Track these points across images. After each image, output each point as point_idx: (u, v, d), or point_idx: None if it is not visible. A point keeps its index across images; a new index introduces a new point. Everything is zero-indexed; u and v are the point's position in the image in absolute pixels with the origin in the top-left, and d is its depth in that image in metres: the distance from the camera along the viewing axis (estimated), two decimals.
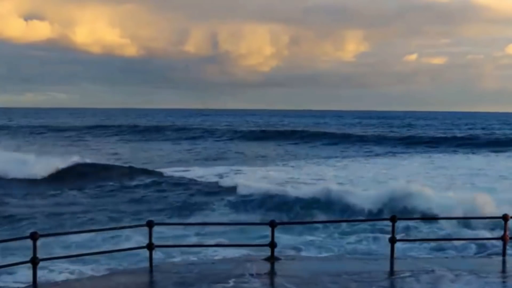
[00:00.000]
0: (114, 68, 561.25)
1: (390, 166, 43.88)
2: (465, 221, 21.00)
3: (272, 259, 13.01)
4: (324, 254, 17.67)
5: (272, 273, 12.43)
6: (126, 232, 18.63)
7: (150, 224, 12.50)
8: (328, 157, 52.93)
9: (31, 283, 11.19)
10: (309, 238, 19.70)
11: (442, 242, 18.61)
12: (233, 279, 11.42)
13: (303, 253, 17.83)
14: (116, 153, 57.93)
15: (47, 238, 15.00)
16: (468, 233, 20.19)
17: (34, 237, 11.07)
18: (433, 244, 18.26)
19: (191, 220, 24.60)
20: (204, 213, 26.49)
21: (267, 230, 13.34)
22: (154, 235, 12.44)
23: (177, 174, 38.77)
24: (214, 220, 24.49)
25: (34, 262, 11.06)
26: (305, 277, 11.74)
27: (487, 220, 19.92)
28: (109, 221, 23.77)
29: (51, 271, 15.26)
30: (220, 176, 37.38)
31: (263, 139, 77.64)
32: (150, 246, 12.47)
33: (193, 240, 19.56)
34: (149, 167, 42.58)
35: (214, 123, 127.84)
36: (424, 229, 20.83)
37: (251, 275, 11.80)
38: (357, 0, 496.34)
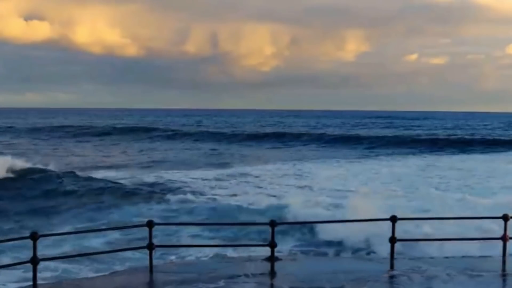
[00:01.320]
0: (115, 68, 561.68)
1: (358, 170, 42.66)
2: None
3: (272, 259, 13.00)
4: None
5: (268, 273, 12.44)
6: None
7: (150, 224, 12.50)
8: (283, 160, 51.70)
9: (31, 283, 11.18)
10: None
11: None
12: (224, 280, 11.49)
13: None
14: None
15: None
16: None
17: (34, 237, 11.05)
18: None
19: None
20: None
21: None
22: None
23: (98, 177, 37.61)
24: None
25: (34, 262, 11.05)
26: (301, 277, 11.78)
27: None
28: None
29: (52, 271, 15.30)
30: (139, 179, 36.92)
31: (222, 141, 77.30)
32: (150, 246, 12.46)
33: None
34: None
35: (190, 124, 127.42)
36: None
37: (246, 275, 11.81)
38: (357, 0, 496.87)
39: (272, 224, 12.87)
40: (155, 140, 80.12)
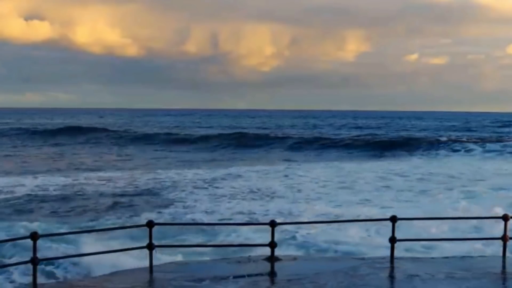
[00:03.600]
0: (115, 68, 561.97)
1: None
2: None
3: (272, 259, 13.02)
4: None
5: (266, 273, 12.53)
6: None
7: (150, 224, 12.52)
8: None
9: (31, 283, 11.19)
10: None
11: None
12: (224, 280, 11.66)
13: None
14: None
15: None
16: None
17: (34, 237, 11.06)
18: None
19: None
20: None
21: None
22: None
23: None
24: None
25: (34, 262, 11.05)
26: (290, 278, 11.91)
27: None
28: None
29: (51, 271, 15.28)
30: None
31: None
32: (150, 246, 12.48)
33: None
34: None
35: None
36: None
37: (240, 276, 11.90)
38: (357, 0, 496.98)
39: (272, 224, 12.89)
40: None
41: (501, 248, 13.68)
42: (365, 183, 33.48)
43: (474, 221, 19.80)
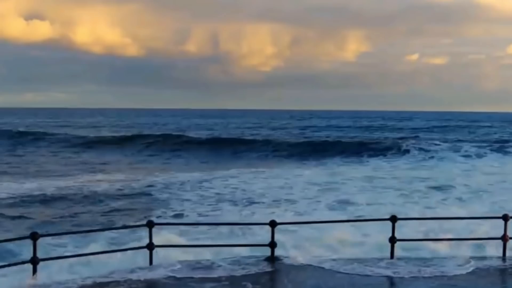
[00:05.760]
0: (115, 68, 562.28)
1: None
2: None
3: (272, 259, 13.04)
4: None
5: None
6: None
7: (150, 224, 12.54)
8: None
9: (31, 283, 11.20)
10: None
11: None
12: (224, 280, 11.75)
13: None
14: None
15: None
16: None
17: (34, 237, 11.08)
18: None
19: None
20: None
21: None
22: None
23: None
24: None
25: (34, 262, 11.07)
26: (289, 279, 11.97)
27: None
28: None
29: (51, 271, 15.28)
30: None
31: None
32: (150, 246, 12.50)
33: None
34: None
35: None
36: None
37: (239, 276, 11.91)
38: (358, 0, 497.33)
39: (272, 224, 12.91)
40: None
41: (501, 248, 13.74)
42: (352, 186, 33.38)
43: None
